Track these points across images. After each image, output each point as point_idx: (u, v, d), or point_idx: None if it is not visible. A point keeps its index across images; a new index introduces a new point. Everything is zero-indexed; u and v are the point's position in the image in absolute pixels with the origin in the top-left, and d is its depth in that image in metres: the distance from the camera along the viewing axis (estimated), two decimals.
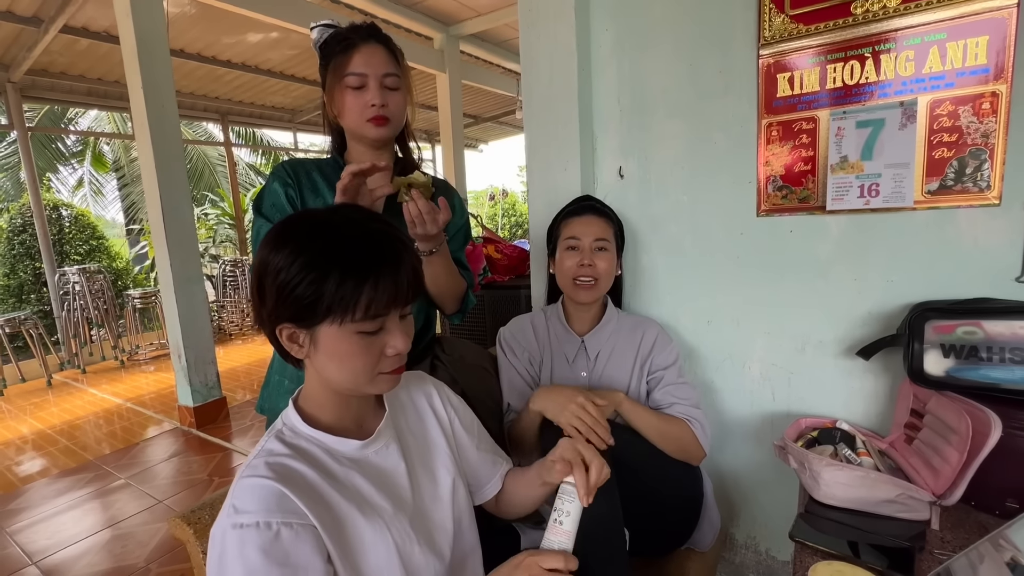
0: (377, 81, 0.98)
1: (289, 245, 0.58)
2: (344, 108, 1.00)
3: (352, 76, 0.97)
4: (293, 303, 0.58)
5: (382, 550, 0.62)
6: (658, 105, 1.32)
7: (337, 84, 0.99)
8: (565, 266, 1.14)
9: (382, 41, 1.01)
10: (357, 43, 0.98)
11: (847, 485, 0.93)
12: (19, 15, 3.51)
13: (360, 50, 0.98)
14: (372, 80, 0.98)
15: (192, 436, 3.02)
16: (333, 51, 1.00)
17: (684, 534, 1.14)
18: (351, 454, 0.66)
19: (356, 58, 0.97)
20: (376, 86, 0.98)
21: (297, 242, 0.58)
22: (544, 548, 0.63)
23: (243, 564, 0.52)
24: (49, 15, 3.51)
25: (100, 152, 8.65)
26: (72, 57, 4.27)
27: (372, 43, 0.99)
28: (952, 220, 1.03)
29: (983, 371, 0.91)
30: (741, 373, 1.31)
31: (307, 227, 0.60)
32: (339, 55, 0.99)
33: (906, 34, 1.02)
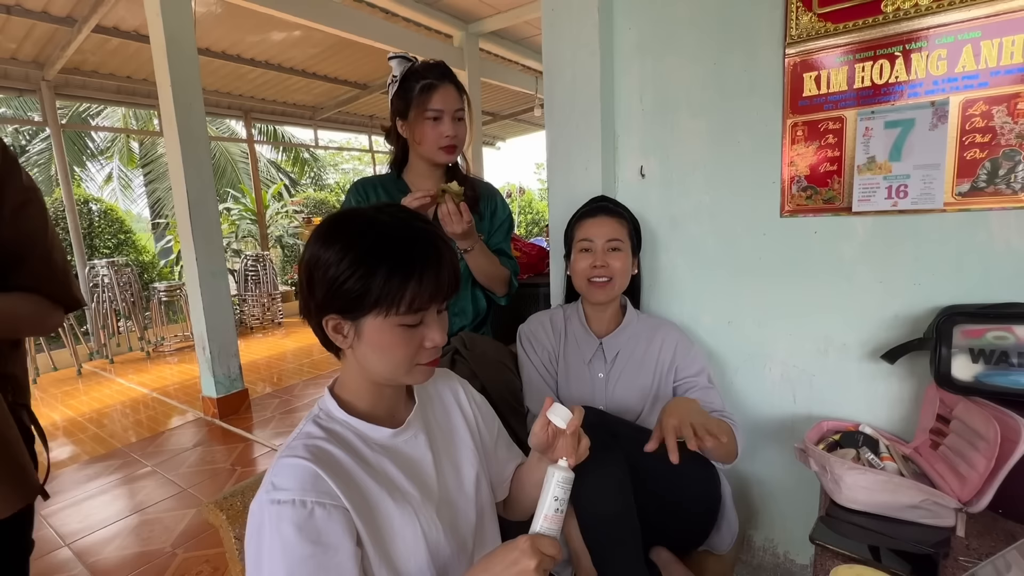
0: (451, 116, 1.21)
1: (340, 242, 0.61)
2: (424, 137, 1.21)
3: (431, 111, 1.19)
4: (342, 296, 0.61)
5: (410, 535, 0.64)
6: (681, 104, 1.32)
7: (420, 117, 1.20)
8: (579, 267, 1.15)
9: (453, 81, 1.24)
10: (437, 85, 1.20)
11: (869, 489, 0.92)
12: (54, 15, 3.62)
13: (439, 90, 1.20)
14: (447, 115, 1.20)
15: (215, 426, 3.10)
16: (413, 87, 1.20)
17: (700, 536, 1.14)
18: (383, 441, 0.68)
19: (436, 97, 1.19)
20: (450, 120, 1.20)
21: (347, 239, 0.61)
22: (545, 534, 0.64)
23: (280, 537, 0.55)
24: (82, 15, 3.62)
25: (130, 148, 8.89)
26: (103, 56, 4.39)
27: (447, 83, 1.22)
28: (983, 223, 1.01)
29: (1013, 377, 0.90)
30: (762, 374, 1.31)
31: (356, 225, 0.63)
32: (422, 93, 1.19)
33: (938, 32, 1.00)
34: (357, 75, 5.80)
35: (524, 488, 0.85)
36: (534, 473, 0.81)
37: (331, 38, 4.41)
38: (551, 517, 0.65)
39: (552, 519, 0.66)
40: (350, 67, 5.51)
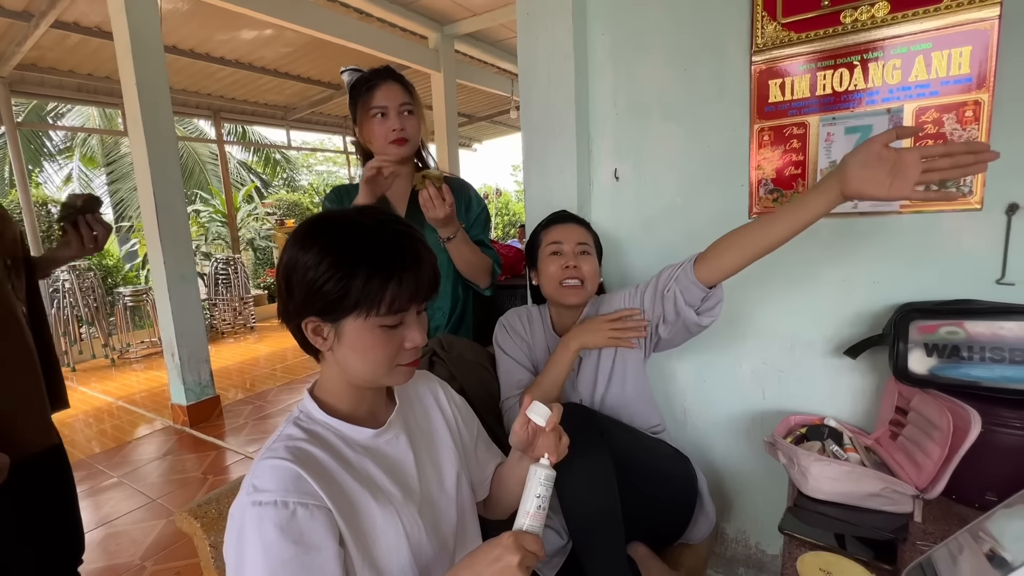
0: (396, 111, 1.23)
1: (318, 244, 0.61)
2: (373, 134, 1.24)
3: (375, 108, 1.22)
4: (321, 298, 0.61)
5: (392, 535, 0.64)
6: (653, 109, 1.35)
7: (366, 117, 1.24)
8: (550, 271, 1.15)
9: (397, 79, 1.26)
10: (378, 83, 1.23)
11: (834, 479, 0.96)
12: (8, 9, 3.46)
13: (381, 88, 1.23)
14: (392, 110, 1.23)
15: (185, 434, 3.01)
16: (360, 91, 1.25)
17: (679, 530, 1.16)
18: (364, 442, 0.68)
19: (378, 94, 1.22)
20: (395, 114, 1.23)
21: (325, 241, 0.61)
22: (528, 531, 0.64)
23: (260, 539, 0.55)
24: (40, 10, 3.47)
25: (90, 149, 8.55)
26: (62, 52, 4.22)
27: (390, 81, 1.24)
28: (936, 224, 1.07)
29: (964, 369, 0.95)
30: (733, 371, 1.35)
31: (335, 227, 0.63)
32: (365, 94, 1.23)
33: (893, 43, 1.05)
34: (331, 75, 5.72)
35: (505, 487, 0.86)
36: (514, 472, 0.82)
37: (303, 37, 4.35)
38: (534, 514, 0.66)
39: (535, 516, 0.66)
40: (323, 67, 5.43)
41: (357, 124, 1.29)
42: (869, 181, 0.79)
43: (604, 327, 1.09)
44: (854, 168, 0.80)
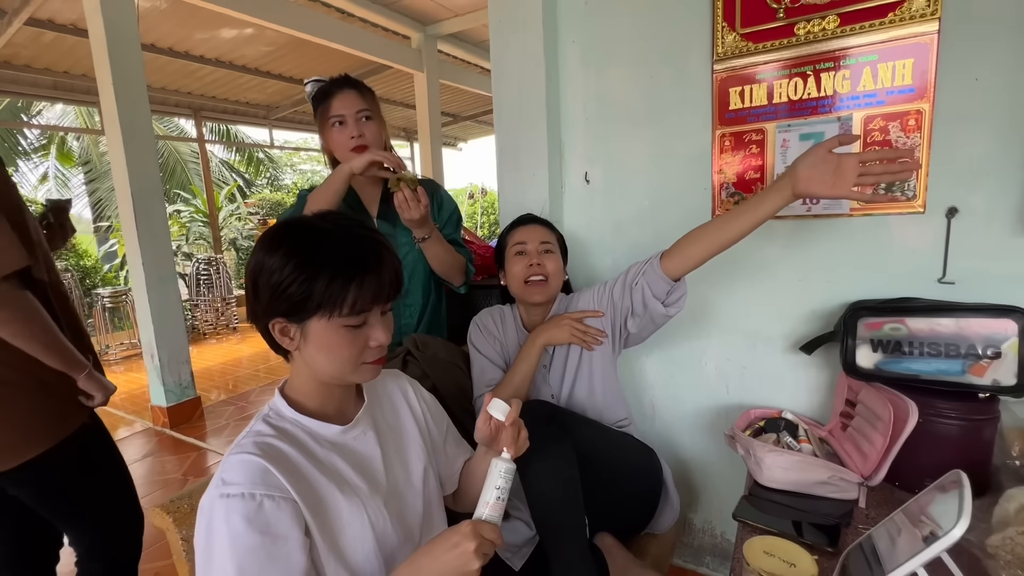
0: (353, 118, 1.23)
1: (283, 247, 0.64)
2: (333, 143, 1.26)
3: (333, 117, 1.23)
4: (286, 300, 0.64)
5: (357, 526, 0.67)
6: (622, 114, 1.39)
7: (325, 126, 1.25)
8: (515, 271, 1.20)
9: (353, 86, 1.26)
10: (335, 91, 1.24)
11: (786, 469, 1.01)
12: None
13: (337, 96, 1.23)
14: (349, 118, 1.23)
15: (165, 436, 3.00)
16: (319, 101, 1.26)
17: (644, 520, 1.21)
18: (332, 438, 0.71)
19: (335, 103, 1.23)
20: (353, 122, 1.23)
21: (290, 245, 0.64)
22: (487, 520, 0.68)
23: (228, 530, 0.58)
24: (13, 7, 3.42)
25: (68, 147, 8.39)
26: (37, 50, 4.15)
27: (346, 89, 1.24)
28: (884, 226, 1.13)
29: (905, 364, 1.01)
30: (699, 368, 1.40)
31: (298, 232, 0.66)
32: (322, 103, 1.24)
33: (843, 55, 1.11)
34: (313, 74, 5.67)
35: (473, 480, 0.89)
36: (480, 466, 0.85)
37: (285, 37, 4.32)
38: (492, 505, 0.70)
39: (494, 507, 0.70)
40: (306, 66, 5.40)
41: (320, 134, 1.30)
42: (815, 181, 0.87)
43: (568, 324, 1.13)
44: (803, 169, 0.88)
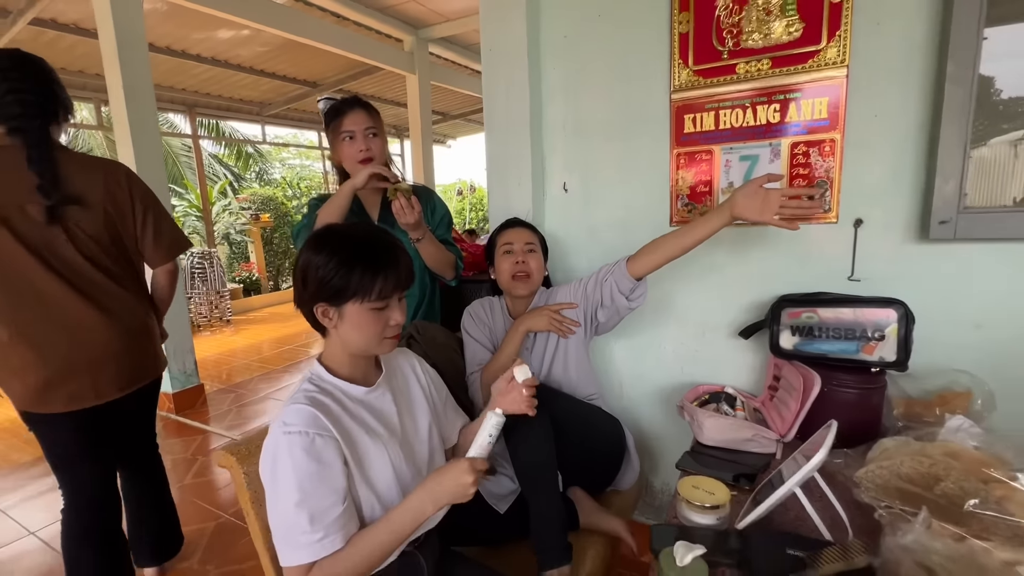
0: (362, 134, 1.43)
1: (326, 249, 0.85)
2: (343, 155, 1.45)
3: (344, 132, 1.43)
4: (329, 289, 0.84)
5: (380, 462, 0.89)
6: (596, 132, 1.61)
7: (336, 140, 1.45)
8: (503, 267, 1.42)
9: (363, 106, 1.46)
10: (346, 110, 1.43)
11: (720, 429, 1.25)
12: None
13: (348, 114, 1.43)
14: (358, 134, 1.43)
15: (171, 421, 3.17)
16: (331, 117, 1.45)
17: (609, 476, 1.44)
18: (359, 396, 0.92)
19: (346, 120, 1.43)
20: (361, 137, 1.43)
21: (332, 247, 0.85)
22: (478, 457, 0.90)
23: (291, 458, 0.79)
24: (19, 7, 3.53)
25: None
26: (36, 48, 4.20)
27: (356, 108, 1.44)
28: (807, 234, 1.37)
29: (816, 345, 1.25)
30: (659, 352, 1.63)
31: (338, 238, 0.86)
32: (335, 119, 1.44)
33: (773, 91, 1.34)
34: (307, 74, 5.83)
35: (468, 440, 1.12)
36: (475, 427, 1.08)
37: (280, 38, 4.47)
38: (484, 446, 0.92)
39: (484, 448, 0.92)
40: (300, 66, 5.54)
41: (331, 146, 1.50)
42: (748, 208, 1.12)
43: (547, 314, 1.36)
44: (740, 198, 1.13)
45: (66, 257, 1.32)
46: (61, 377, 1.33)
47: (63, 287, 1.31)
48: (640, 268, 1.30)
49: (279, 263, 8.08)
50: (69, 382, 1.33)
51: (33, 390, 1.31)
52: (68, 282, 1.32)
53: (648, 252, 1.28)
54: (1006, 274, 1.19)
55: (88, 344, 1.36)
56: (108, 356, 1.39)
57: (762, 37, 1.33)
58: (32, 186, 1.26)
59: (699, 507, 0.98)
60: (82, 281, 1.34)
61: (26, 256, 1.27)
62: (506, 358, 1.38)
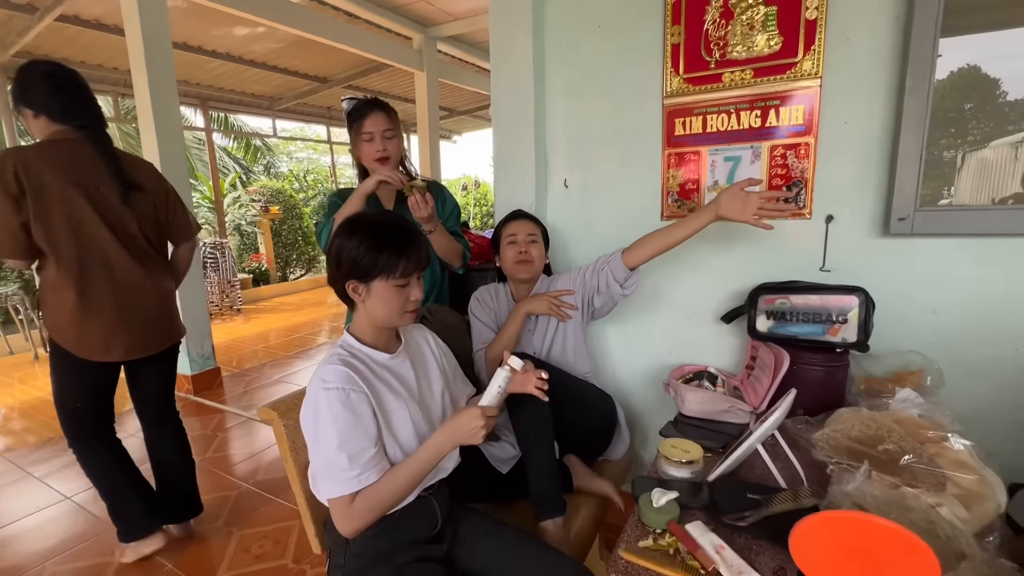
0: (380, 135, 1.57)
1: (357, 234, 0.99)
2: (363, 153, 1.61)
3: (365, 134, 1.58)
4: (359, 268, 0.99)
5: (402, 416, 1.04)
6: (595, 134, 1.75)
7: (357, 139, 1.60)
8: (507, 256, 1.57)
9: (383, 108, 1.60)
10: (367, 112, 1.58)
11: (700, 402, 1.40)
12: (14, 2, 3.66)
13: (369, 116, 1.57)
14: (377, 135, 1.57)
15: (190, 401, 3.34)
16: (354, 118, 1.60)
17: (601, 447, 1.59)
18: (383, 361, 1.07)
19: (367, 122, 1.58)
20: (379, 138, 1.57)
21: (362, 233, 0.99)
22: (489, 405, 1.04)
23: (330, 410, 0.94)
24: (45, 4, 3.68)
25: None
26: (60, 42, 4.40)
27: (376, 111, 1.59)
28: (783, 228, 1.51)
29: (787, 327, 1.39)
30: (649, 336, 1.78)
31: (367, 224, 1.01)
32: (357, 120, 1.58)
33: (755, 99, 1.48)
34: (317, 69, 5.97)
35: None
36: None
37: (293, 35, 4.61)
38: (493, 396, 1.06)
39: (495, 398, 1.06)
40: (311, 62, 5.68)
41: (352, 143, 1.65)
42: (730, 209, 1.27)
43: (547, 299, 1.50)
44: (724, 200, 1.27)
45: (130, 231, 1.63)
46: (126, 329, 1.62)
47: (126, 255, 1.61)
48: (634, 259, 1.44)
49: (287, 255, 8.24)
50: (126, 336, 1.62)
51: (99, 341, 1.57)
52: (129, 251, 1.62)
53: (641, 245, 1.43)
54: (958, 265, 1.33)
55: (140, 305, 1.65)
56: (154, 316, 1.69)
57: (745, 49, 1.47)
58: (104, 173, 1.55)
59: (676, 463, 1.14)
60: (139, 251, 1.65)
61: (100, 226, 1.56)
62: (507, 337, 1.53)
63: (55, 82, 1.54)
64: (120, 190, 1.58)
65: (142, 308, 1.65)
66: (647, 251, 1.42)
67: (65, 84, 1.56)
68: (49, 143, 1.54)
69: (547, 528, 1.26)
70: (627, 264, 1.45)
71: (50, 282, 1.55)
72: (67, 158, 1.53)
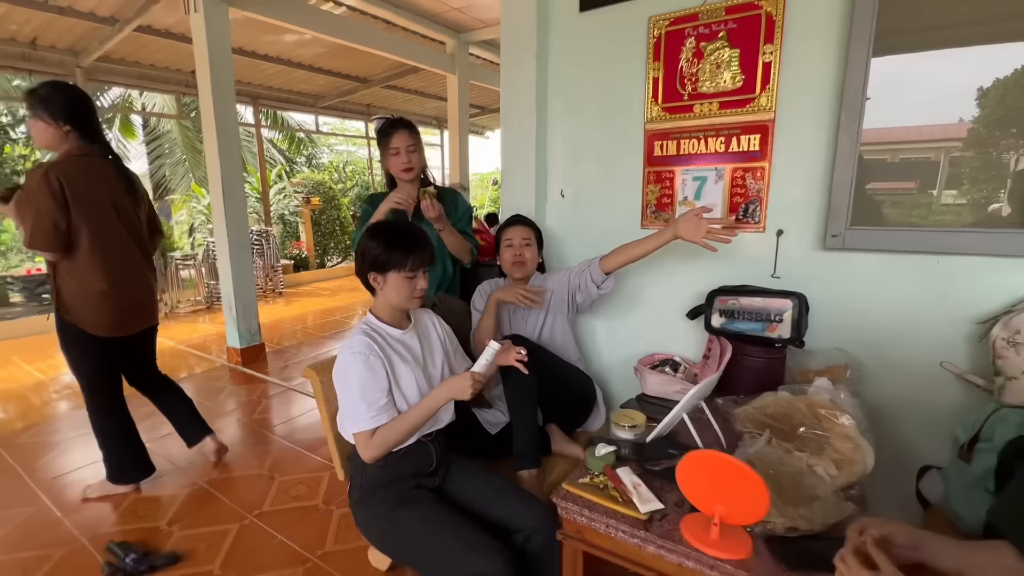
0: (405, 150, 1.88)
1: (377, 238, 1.32)
2: (390, 165, 1.93)
3: (392, 149, 1.88)
4: (378, 263, 1.31)
5: (409, 379, 1.36)
6: (587, 151, 2.03)
7: (386, 154, 1.92)
8: (505, 257, 1.86)
9: (406, 127, 1.90)
10: (393, 131, 1.88)
11: (659, 384, 1.67)
12: (99, 16, 4.17)
13: (395, 135, 1.88)
14: (403, 150, 1.87)
15: (238, 371, 3.79)
16: (382, 135, 1.91)
17: (580, 420, 1.88)
18: (396, 336, 1.40)
19: (394, 139, 1.88)
20: (405, 153, 1.88)
21: (381, 236, 1.32)
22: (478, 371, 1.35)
23: (355, 369, 1.27)
24: (125, 17, 4.17)
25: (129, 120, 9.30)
26: (134, 47, 4.93)
27: (401, 129, 1.88)
28: (741, 240, 1.75)
29: (735, 324, 1.65)
30: (629, 329, 2.05)
31: (383, 230, 1.33)
32: (384, 138, 1.90)
33: (719, 128, 1.73)
34: (358, 71, 6.38)
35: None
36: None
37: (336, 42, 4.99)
38: (482, 365, 1.36)
39: (483, 367, 1.36)
40: (352, 64, 6.09)
41: (381, 156, 1.98)
42: (686, 231, 1.51)
43: (514, 290, 1.77)
44: (681, 223, 1.52)
45: (140, 232, 2.09)
46: (131, 310, 2.06)
47: (136, 251, 2.07)
48: (609, 265, 1.72)
49: (325, 243, 8.77)
50: (134, 314, 2.09)
51: (118, 319, 2.02)
52: (139, 247, 2.08)
53: (616, 254, 1.70)
54: (882, 277, 1.55)
55: (143, 289, 2.10)
56: (147, 299, 2.14)
57: (713, 85, 1.71)
58: (121, 185, 1.99)
59: (623, 427, 1.42)
60: (144, 247, 2.11)
61: (120, 228, 2.00)
62: (485, 322, 1.82)
63: (88, 105, 1.96)
64: (132, 199, 2.03)
65: (142, 293, 2.10)
66: (621, 259, 1.69)
67: (93, 109, 1.96)
68: (79, 158, 1.90)
69: (523, 477, 1.57)
70: (603, 269, 1.72)
71: (76, 272, 1.91)
72: (96, 172, 1.92)
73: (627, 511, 1.10)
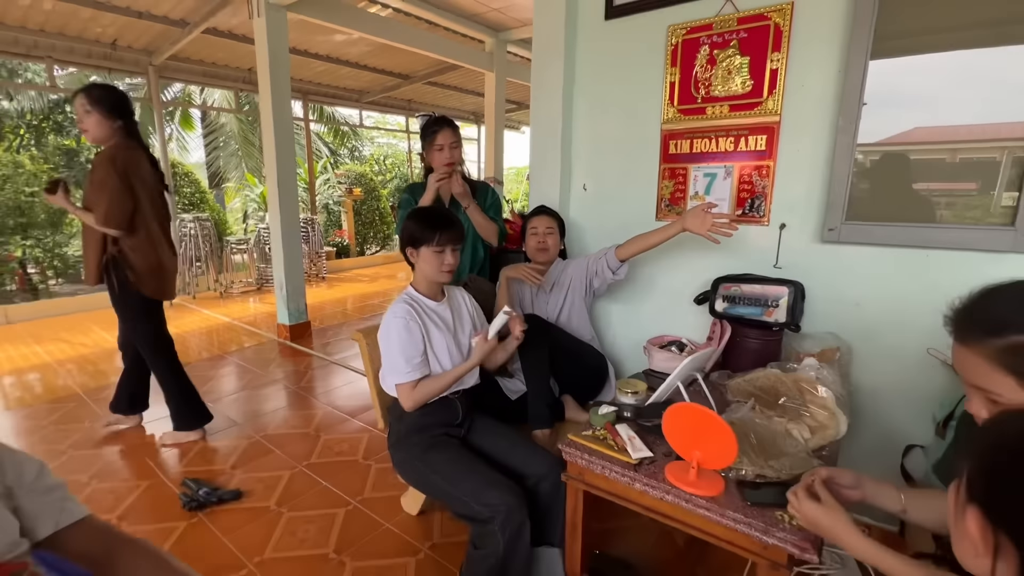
0: (448, 146, 2.06)
1: (414, 218, 1.55)
2: (434, 160, 2.12)
3: (437, 145, 2.07)
4: (415, 239, 1.55)
5: (440, 343, 1.59)
6: (608, 149, 2.21)
7: (430, 149, 2.09)
8: (530, 244, 2.07)
9: (449, 125, 2.10)
10: (438, 129, 2.06)
11: (664, 360, 1.85)
12: (172, 19, 4.59)
13: (440, 132, 2.08)
14: (446, 147, 2.05)
15: (287, 346, 4.15)
16: (427, 132, 2.07)
17: (594, 392, 2.08)
18: (432, 306, 1.63)
19: (439, 137, 2.08)
20: (448, 149, 2.06)
21: (419, 217, 1.55)
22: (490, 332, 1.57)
23: (396, 332, 1.51)
24: (195, 20, 4.57)
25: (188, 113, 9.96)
26: (200, 47, 5.36)
27: (445, 127, 2.09)
28: (746, 232, 1.90)
29: (736, 309, 1.80)
30: (642, 314, 2.23)
31: (422, 212, 1.57)
32: (430, 135, 2.06)
33: (729, 129, 1.88)
34: (401, 68, 6.67)
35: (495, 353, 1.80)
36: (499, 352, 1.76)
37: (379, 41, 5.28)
38: (495, 327, 1.58)
39: (495, 329, 1.58)
40: (395, 62, 6.39)
41: (424, 150, 2.19)
42: (693, 224, 1.67)
43: (523, 268, 1.97)
44: (689, 216, 1.69)
45: (169, 213, 2.46)
46: (173, 280, 2.48)
47: (168, 232, 2.43)
48: (624, 253, 1.90)
49: (365, 232, 9.19)
50: (174, 283, 2.50)
51: (169, 287, 2.47)
52: (169, 226, 2.45)
53: (631, 243, 1.88)
54: (875, 268, 1.68)
55: (175, 265, 2.49)
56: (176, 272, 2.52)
57: (724, 89, 1.86)
58: (158, 173, 2.38)
59: (626, 392, 1.61)
60: (170, 229, 2.47)
61: (163, 209, 2.38)
62: (499, 296, 2.04)
63: (132, 105, 2.31)
64: (164, 186, 2.40)
65: (175, 268, 2.50)
66: (635, 248, 1.87)
67: (134, 109, 2.32)
68: (130, 148, 2.25)
69: (537, 436, 1.79)
70: (619, 257, 1.91)
71: (138, 247, 2.28)
72: (144, 162, 2.29)
73: (621, 456, 1.30)
